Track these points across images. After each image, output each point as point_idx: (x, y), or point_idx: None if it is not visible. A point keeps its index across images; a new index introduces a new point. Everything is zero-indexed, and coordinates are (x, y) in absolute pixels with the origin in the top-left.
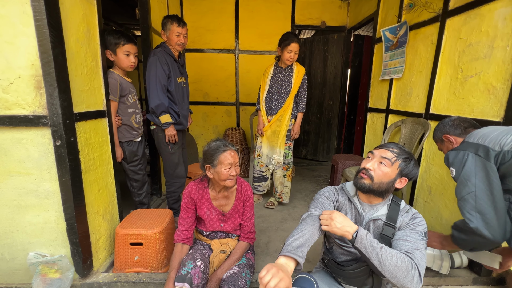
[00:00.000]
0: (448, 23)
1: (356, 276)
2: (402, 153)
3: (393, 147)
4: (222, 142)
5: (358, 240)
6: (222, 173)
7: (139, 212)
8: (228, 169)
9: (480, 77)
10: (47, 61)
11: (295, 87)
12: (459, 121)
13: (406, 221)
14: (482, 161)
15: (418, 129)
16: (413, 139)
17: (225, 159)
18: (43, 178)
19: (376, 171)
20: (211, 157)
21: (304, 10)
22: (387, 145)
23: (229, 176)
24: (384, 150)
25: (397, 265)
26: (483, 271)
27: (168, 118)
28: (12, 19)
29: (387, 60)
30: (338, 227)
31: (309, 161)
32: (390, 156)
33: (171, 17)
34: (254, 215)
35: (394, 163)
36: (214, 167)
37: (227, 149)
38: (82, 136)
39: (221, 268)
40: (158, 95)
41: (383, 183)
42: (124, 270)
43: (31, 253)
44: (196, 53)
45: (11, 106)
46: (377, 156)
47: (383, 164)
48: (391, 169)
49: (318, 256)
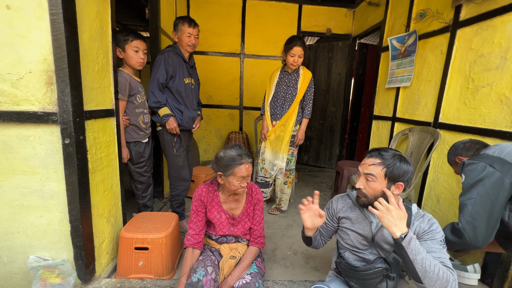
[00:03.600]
0: (459, 33)
1: (369, 278)
2: (384, 161)
3: (373, 156)
4: (239, 152)
5: (407, 241)
6: (233, 184)
7: (143, 215)
8: (240, 181)
9: (492, 87)
10: (61, 56)
11: (300, 92)
12: (470, 143)
13: (424, 229)
14: (494, 173)
15: (426, 138)
16: (421, 148)
17: (239, 172)
18: (49, 177)
19: (367, 189)
20: (226, 167)
21: (310, 17)
22: (367, 158)
23: (240, 187)
24: (365, 165)
25: (439, 275)
26: (495, 283)
27: (166, 110)
28: (26, 12)
29: (394, 68)
30: (390, 220)
31: (311, 167)
32: (373, 170)
33: (183, 18)
34: (263, 219)
35: (378, 175)
36: (226, 177)
37: (243, 163)
38: (90, 135)
39: (232, 275)
40: (155, 93)
41: (377, 196)
42: (128, 276)
43: (32, 256)
44: (201, 55)
45: (20, 102)
46: (361, 173)
47: (369, 181)
48: (378, 182)
49: (328, 266)
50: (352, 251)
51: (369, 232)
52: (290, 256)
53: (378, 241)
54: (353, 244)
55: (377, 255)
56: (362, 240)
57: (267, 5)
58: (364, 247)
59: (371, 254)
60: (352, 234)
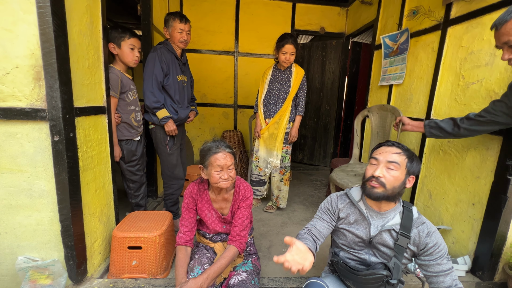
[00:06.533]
0: (449, 31)
1: (367, 282)
2: (405, 152)
3: (395, 147)
4: (216, 143)
5: None
6: (212, 175)
7: (136, 214)
8: (218, 172)
9: (482, 84)
10: (49, 51)
11: (293, 89)
12: None
13: (422, 237)
14: None
15: (388, 116)
16: (386, 128)
17: (215, 161)
18: (37, 176)
19: (386, 178)
20: (203, 158)
21: (304, 15)
22: (387, 147)
23: (220, 179)
24: (387, 153)
25: None
26: (485, 275)
27: (165, 113)
28: (12, 5)
29: (387, 66)
30: None
31: (306, 165)
32: (397, 159)
33: (174, 13)
34: (249, 219)
35: (402, 164)
36: (206, 169)
37: (219, 151)
38: (81, 132)
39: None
40: (154, 92)
41: (396, 188)
42: (121, 276)
43: (20, 257)
44: (195, 53)
45: (6, 98)
46: (382, 161)
47: (391, 169)
48: (400, 171)
49: (323, 262)
50: (348, 251)
51: (367, 234)
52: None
53: (376, 244)
54: (349, 245)
55: (372, 255)
56: (359, 241)
57: (261, 3)
58: (361, 247)
59: (366, 254)
60: (350, 235)
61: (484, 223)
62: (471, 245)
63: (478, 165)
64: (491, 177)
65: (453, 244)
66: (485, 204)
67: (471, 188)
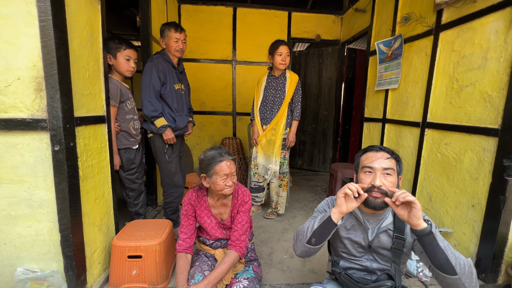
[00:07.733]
0: (441, 36)
1: None
2: (393, 155)
3: (384, 152)
4: (218, 151)
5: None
6: (217, 183)
7: (136, 223)
8: (223, 179)
9: (475, 86)
10: (50, 62)
11: (288, 95)
12: None
13: None
14: None
15: None
16: None
17: (220, 169)
18: (37, 185)
19: (386, 185)
20: (207, 167)
21: (299, 23)
22: (377, 153)
23: (225, 186)
24: (380, 160)
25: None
26: (489, 278)
27: (163, 121)
28: (15, 19)
29: (382, 71)
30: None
31: (305, 171)
32: (391, 164)
33: (169, 23)
34: (249, 223)
35: (395, 169)
36: (210, 177)
37: (223, 159)
38: (81, 142)
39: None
40: (152, 102)
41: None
42: (121, 286)
43: (20, 269)
44: (193, 63)
45: (8, 109)
46: (378, 169)
47: (388, 175)
48: (394, 176)
49: (324, 267)
50: (349, 259)
51: (366, 239)
52: (286, 260)
53: (375, 248)
54: (349, 253)
55: (374, 261)
56: (358, 247)
57: (257, 13)
58: (361, 254)
59: (368, 261)
60: (348, 242)
61: (484, 225)
62: (473, 247)
63: (475, 166)
64: (489, 178)
65: (455, 247)
66: (484, 206)
67: (470, 189)
